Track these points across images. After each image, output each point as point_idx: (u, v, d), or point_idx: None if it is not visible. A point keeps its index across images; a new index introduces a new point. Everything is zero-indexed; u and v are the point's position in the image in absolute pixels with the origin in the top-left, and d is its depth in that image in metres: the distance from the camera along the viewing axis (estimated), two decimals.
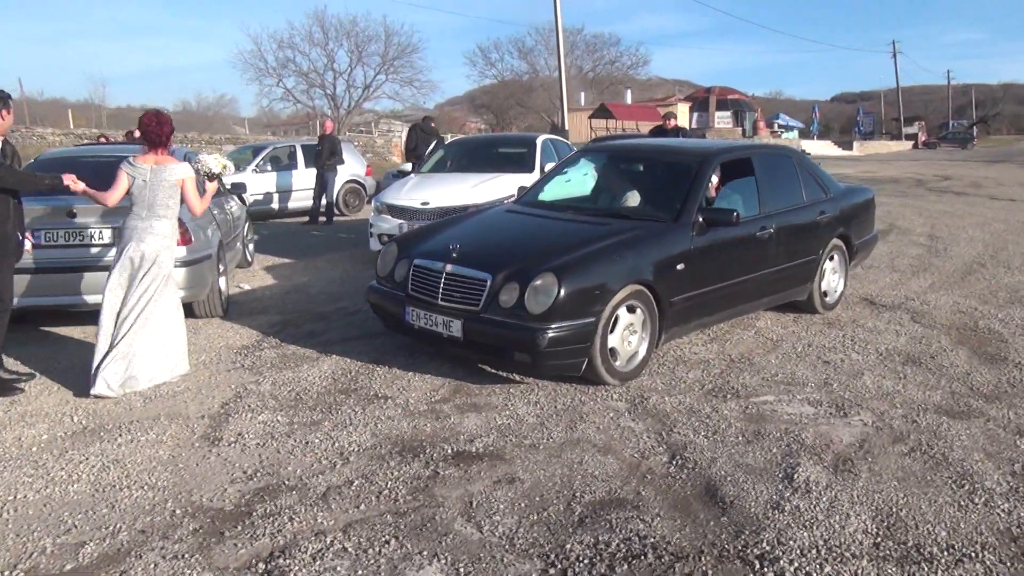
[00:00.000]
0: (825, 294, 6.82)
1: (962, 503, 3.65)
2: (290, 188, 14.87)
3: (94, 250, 6.13)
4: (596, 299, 4.82)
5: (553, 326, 4.67)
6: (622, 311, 5.02)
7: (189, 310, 6.82)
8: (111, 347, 5.04)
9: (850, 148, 53.23)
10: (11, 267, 5.10)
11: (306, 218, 14.58)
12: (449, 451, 4.21)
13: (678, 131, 12.21)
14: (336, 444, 4.30)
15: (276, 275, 9.26)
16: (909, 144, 63.33)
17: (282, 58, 50.34)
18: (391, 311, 5.40)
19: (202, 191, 5.64)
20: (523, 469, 4.01)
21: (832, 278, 6.86)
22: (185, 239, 6.31)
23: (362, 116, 59.14)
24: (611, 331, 4.99)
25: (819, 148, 50.91)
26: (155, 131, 5.22)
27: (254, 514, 3.55)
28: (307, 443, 4.31)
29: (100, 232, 6.12)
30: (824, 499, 3.66)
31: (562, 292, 4.69)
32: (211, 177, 5.57)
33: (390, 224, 9.15)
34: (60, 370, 5.56)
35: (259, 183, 14.55)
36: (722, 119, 54.05)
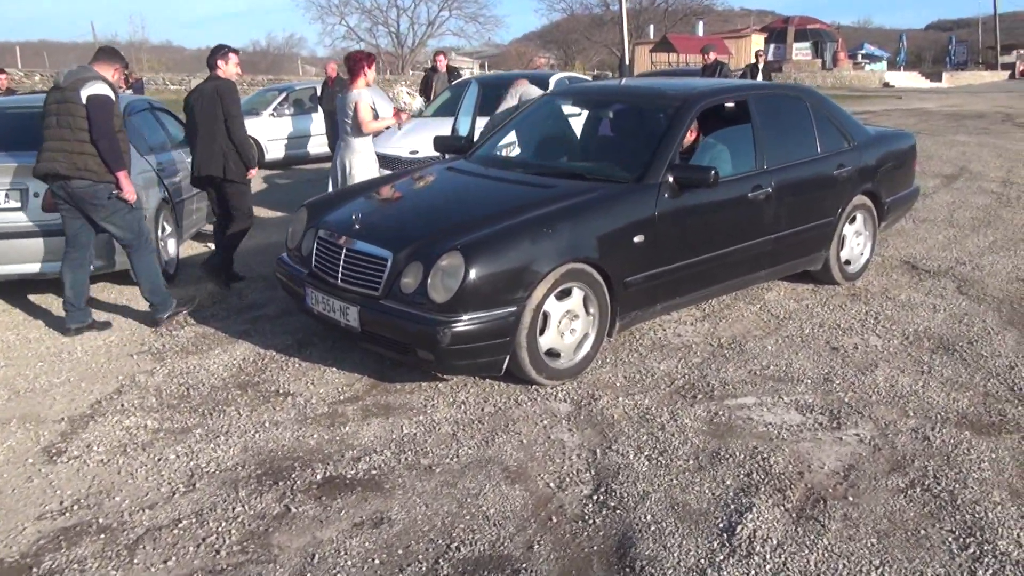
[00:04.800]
0: (847, 263, 5.72)
1: None
2: (308, 133, 14.11)
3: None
4: (518, 283, 3.91)
5: (463, 318, 3.79)
6: (554, 297, 4.10)
7: (125, 278, 6.14)
8: None
9: (939, 80, 49.68)
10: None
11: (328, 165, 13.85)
12: (320, 475, 3.41)
13: (716, 67, 10.95)
14: (193, 462, 3.54)
15: (255, 232, 8.49)
16: (1006, 74, 58.92)
17: None
18: (295, 291, 4.59)
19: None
20: (401, 504, 3.19)
21: (855, 243, 5.75)
22: None
23: (426, 55, 58.09)
24: (544, 322, 4.09)
25: (905, 80, 47.80)
26: (349, 66, 6.20)
27: (35, 569, 2.83)
28: (160, 459, 3.57)
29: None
30: (767, 569, 2.74)
31: (470, 275, 3.79)
32: (396, 109, 6.52)
33: None
34: None
35: (276, 128, 13.82)
36: (800, 50, 50.93)
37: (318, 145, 14.06)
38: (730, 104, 5.09)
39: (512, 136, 5.56)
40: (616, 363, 4.55)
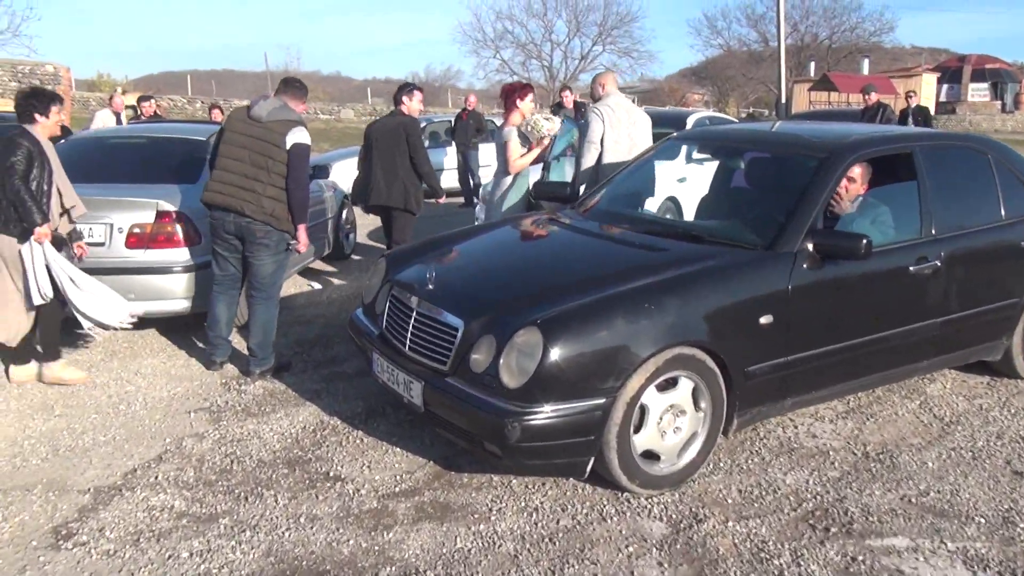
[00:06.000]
0: None
1: None
2: (441, 167, 13.80)
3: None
4: (609, 370, 3.19)
5: (539, 408, 3.11)
6: (655, 388, 3.35)
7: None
8: None
9: None
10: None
11: (462, 200, 13.51)
12: None
13: (879, 109, 9.83)
14: (204, 565, 3.00)
15: (360, 274, 8.15)
16: None
17: (500, 29, 50.55)
18: (365, 353, 4.04)
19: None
20: None
21: None
22: (189, 237, 5.26)
23: (577, 89, 57.89)
24: (641, 417, 3.34)
25: None
26: (503, 99, 5.94)
27: None
28: (170, 557, 3.05)
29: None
30: None
31: (550, 357, 3.11)
32: (538, 138, 5.77)
33: None
34: None
35: None
36: (977, 92, 47.43)
37: (448, 180, 13.75)
38: (891, 156, 4.19)
39: (627, 185, 4.83)
40: (731, 469, 3.73)
